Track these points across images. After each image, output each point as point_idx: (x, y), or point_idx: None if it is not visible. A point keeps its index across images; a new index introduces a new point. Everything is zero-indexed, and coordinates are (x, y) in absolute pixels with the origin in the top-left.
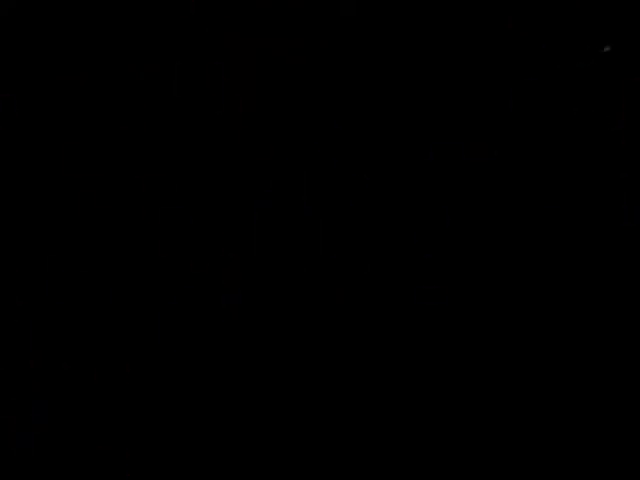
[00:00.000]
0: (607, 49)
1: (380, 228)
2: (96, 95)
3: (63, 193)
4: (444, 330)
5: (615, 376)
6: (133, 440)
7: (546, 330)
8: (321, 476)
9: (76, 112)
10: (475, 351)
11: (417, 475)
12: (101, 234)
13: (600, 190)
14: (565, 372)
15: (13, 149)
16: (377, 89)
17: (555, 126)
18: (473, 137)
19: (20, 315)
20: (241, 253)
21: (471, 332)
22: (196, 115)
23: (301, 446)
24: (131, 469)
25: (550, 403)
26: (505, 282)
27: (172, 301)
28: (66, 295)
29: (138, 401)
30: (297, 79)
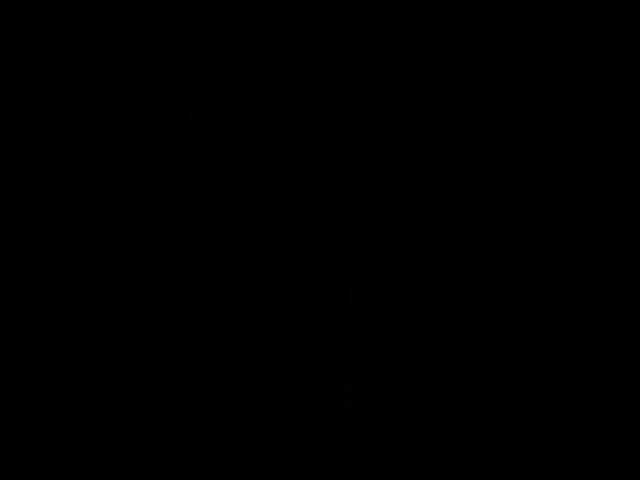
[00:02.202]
0: None
1: (380, 228)
2: (96, 95)
3: (63, 193)
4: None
5: None
6: (133, 440)
7: None
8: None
9: (76, 112)
10: None
11: None
12: (101, 234)
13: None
14: None
15: (13, 149)
16: (377, 89)
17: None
18: (474, 137)
19: (20, 315)
20: (241, 253)
21: None
22: (196, 115)
23: (300, 447)
24: (131, 469)
25: None
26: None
27: (172, 301)
28: (65, 295)
29: (138, 401)
30: (297, 79)
